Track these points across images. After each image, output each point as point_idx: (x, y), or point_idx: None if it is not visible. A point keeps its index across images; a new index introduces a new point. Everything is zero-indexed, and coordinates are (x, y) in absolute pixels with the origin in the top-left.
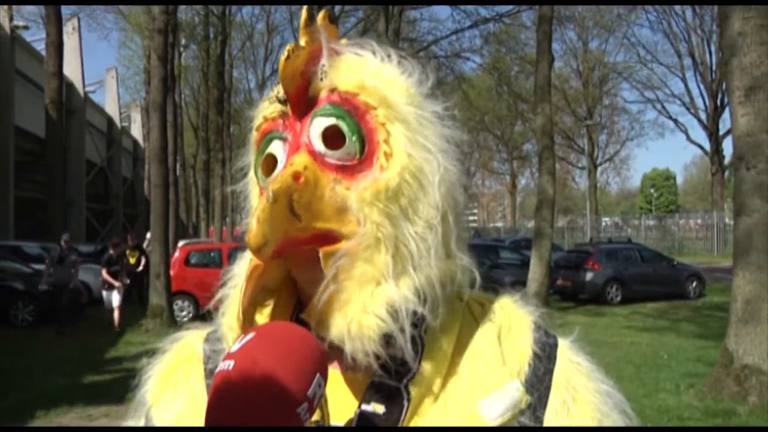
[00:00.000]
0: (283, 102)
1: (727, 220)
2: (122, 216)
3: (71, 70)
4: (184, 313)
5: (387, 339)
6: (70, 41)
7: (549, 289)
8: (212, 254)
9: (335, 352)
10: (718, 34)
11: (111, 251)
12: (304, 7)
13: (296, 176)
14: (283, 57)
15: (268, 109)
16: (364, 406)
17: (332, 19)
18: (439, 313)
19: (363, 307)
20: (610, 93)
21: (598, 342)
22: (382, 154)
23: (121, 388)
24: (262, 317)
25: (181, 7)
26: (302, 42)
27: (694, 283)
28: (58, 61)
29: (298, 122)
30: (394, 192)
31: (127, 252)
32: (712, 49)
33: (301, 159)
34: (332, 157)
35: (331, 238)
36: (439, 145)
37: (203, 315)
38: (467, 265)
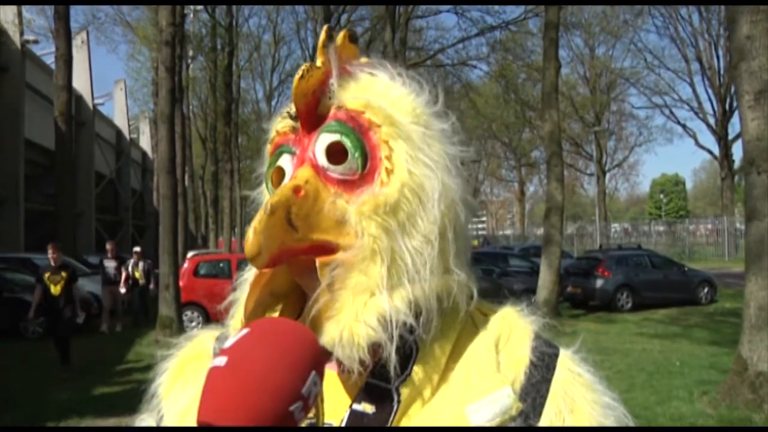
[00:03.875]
0: (294, 118)
1: (737, 225)
2: (131, 227)
3: (80, 83)
4: (193, 324)
5: (376, 347)
6: (79, 54)
7: (559, 297)
8: (221, 265)
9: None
10: (725, 38)
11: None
12: (324, 27)
13: (296, 190)
14: (297, 75)
15: (280, 123)
16: (355, 406)
17: (352, 39)
18: (433, 326)
19: (356, 315)
20: (617, 99)
21: (610, 349)
22: (384, 170)
23: (131, 399)
24: None
25: (189, 19)
26: (318, 62)
27: (706, 289)
28: (67, 75)
29: (306, 138)
30: (392, 207)
31: (46, 276)
32: (720, 53)
33: (304, 173)
34: (334, 171)
35: (328, 248)
36: (442, 163)
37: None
38: (465, 281)
